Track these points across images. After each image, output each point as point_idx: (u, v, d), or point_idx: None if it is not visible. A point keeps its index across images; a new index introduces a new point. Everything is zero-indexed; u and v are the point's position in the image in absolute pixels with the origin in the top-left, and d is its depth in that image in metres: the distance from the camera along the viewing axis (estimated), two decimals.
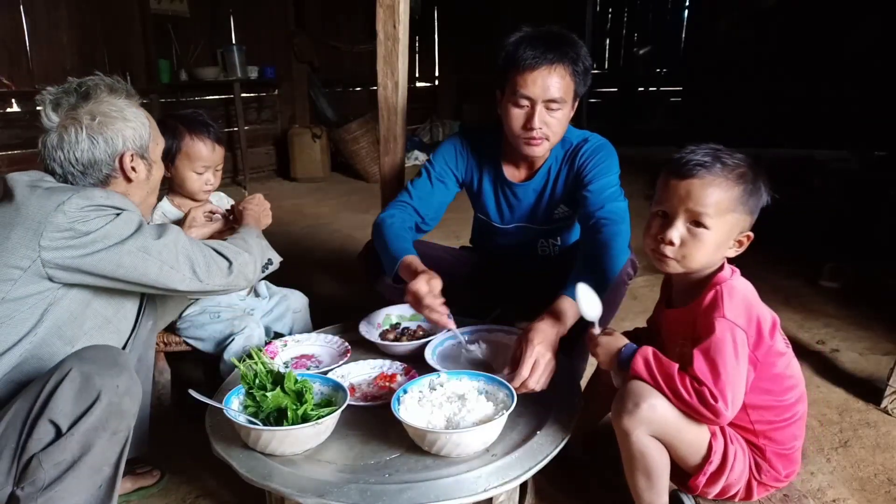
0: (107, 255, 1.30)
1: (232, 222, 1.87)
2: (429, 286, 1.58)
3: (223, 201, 2.19)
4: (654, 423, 1.25)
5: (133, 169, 1.43)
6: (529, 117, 1.75)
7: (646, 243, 1.37)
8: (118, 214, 1.33)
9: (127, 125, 1.40)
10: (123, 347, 1.53)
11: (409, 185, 1.99)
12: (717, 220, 1.26)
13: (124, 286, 1.37)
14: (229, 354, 1.87)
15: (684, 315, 1.35)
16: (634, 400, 1.25)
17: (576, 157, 1.88)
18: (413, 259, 1.71)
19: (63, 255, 1.27)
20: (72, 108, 1.37)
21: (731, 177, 1.26)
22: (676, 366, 1.25)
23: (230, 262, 1.49)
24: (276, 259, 1.71)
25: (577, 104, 1.81)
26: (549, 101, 1.72)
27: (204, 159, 1.91)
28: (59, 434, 1.16)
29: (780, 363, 1.31)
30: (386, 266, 1.77)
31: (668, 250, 1.30)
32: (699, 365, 1.21)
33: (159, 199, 1.88)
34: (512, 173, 1.98)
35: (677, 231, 1.28)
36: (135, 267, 1.33)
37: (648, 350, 1.29)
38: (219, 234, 1.82)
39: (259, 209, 1.87)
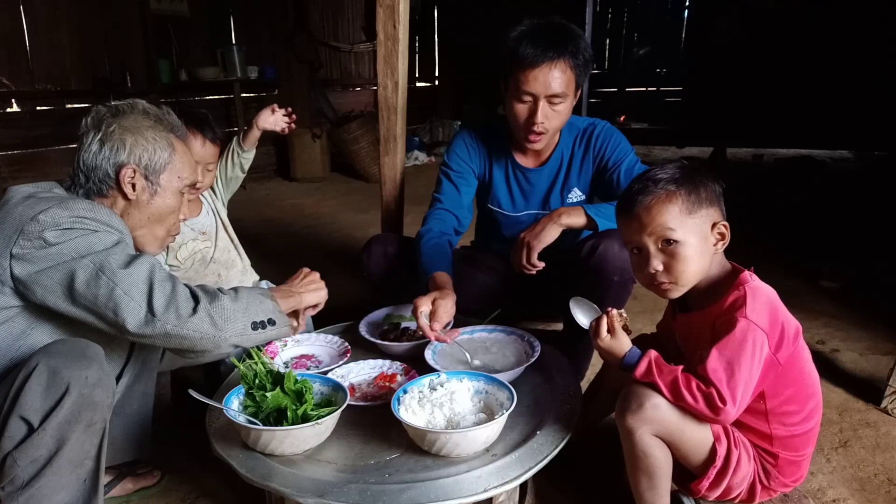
0: (64, 268, 1.22)
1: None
2: (433, 305, 1.64)
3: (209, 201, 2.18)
4: (658, 423, 1.25)
5: (132, 186, 1.38)
6: (532, 112, 1.79)
7: (640, 281, 1.39)
8: (96, 231, 1.27)
9: (139, 141, 1.38)
10: (129, 353, 1.53)
11: (434, 194, 2.06)
12: (682, 230, 1.28)
13: (80, 312, 1.25)
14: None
15: (704, 318, 1.33)
16: (638, 399, 1.26)
17: (590, 139, 1.96)
18: (439, 276, 1.76)
19: (27, 266, 1.22)
20: (102, 118, 1.39)
21: (670, 186, 1.29)
22: (679, 369, 1.25)
23: (197, 303, 1.27)
24: (283, 322, 1.40)
25: (578, 94, 1.85)
26: (551, 96, 1.77)
27: (193, 154, 1.90)
28: (31, 430, 1.15)
29: (804, 370, 1.31)
30: (420, 282, 1.82)
31: (660, 277, 1.31)
32: (713, 364, 1.21)
33: None
34: (523, 160, 2.02)
35: (655, 259, 1.31)
36: (86, 284, 1.21)
37: (652, 354, 1.29)
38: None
39: (295, 286, 1.53)
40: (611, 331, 1.34)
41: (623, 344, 1.33)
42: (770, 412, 1.30)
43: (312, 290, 1.53)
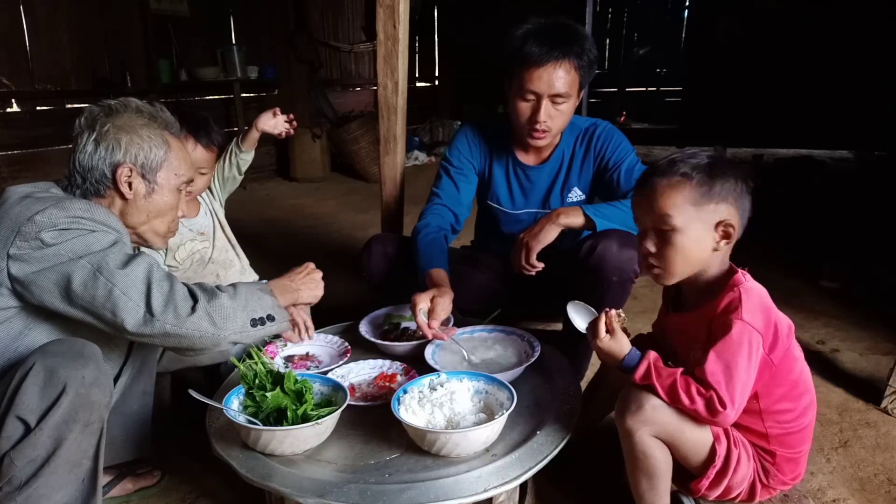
0: (61, 269, 1.22)
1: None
2: (432, 302, 1.65)
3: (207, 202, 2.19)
4: (657, 424, 1.25)
5: (129, 185, 1.38)
6: (535, 111, 1.80)
7: (639, 264, 1.40)
8: (93, 231, 1.27)
9: (135, 140, 1.38)
10: (127, 352, 1.53)
11: (433, 189, 2.07)
12: (681, 218, 1.26)
13: (78, 312, 1.25)
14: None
15: (697, 318, 1.33)
16: (638, 401, 1.26)
17: (591, 140, 1.96)
18: (436, 273, 1.77)
19: (24, 267, 1.22)
20: (95, 117, 1.39)
21: (685, 170, 1.26)
22: (678, 372, 1.24)
23: (196, 302, 1.27)
24: (282, 317, 1.40)
25: (581, 94, 1.86)
26: (554, 95, 1.78)
27: None
28: (28, 430, 1.15)
29: (796, 369, 1.31)
30: (417, 278, 1.83)
31: (651, 259, 1.31)
32: (711, 367, 1.20)
33: None
34: (524, 157, 2.03)
35: (650, 241, 1.31)
36: (84, 285, 1.21)
37: (651, 357, 1.28)
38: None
39: (296, 282, 1.54)
40: (610, 332, 1.32)
41: (623, 345, 1.31)
42: (764, 411, 1.30)
43: (311, 289, 1.54)
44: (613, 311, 1.34)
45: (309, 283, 1.54)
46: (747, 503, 1.36)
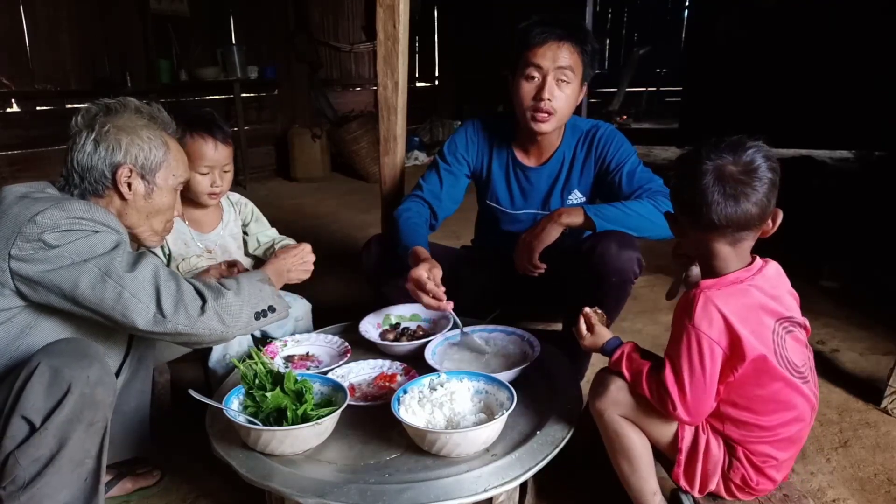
0: (67, 273, 1.23)
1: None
2: (430, 273, 1.68)
3: (244, 206, 2.16)
4: (622, 404, 1.31)
5: (129, 186, 1.39)
6: (539, 89, 1.81)
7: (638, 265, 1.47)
8: (95, 232, 1.28)
9: (135, 140, 1.38)
10: (126, 351, 1.54)
11: (421, 180, 2.08)
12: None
13: (85, 312, 1.27)
14: (212, 362, 1.84)
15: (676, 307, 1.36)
16: (605, 383, 1.34)
17: (592, 141, 1.97)
18: (421, 250, 1.80)
19: (27, 267, 1.23)
20: (94, 117, 1.39)
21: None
22: (647, 366, 1.29)
23: (204, 302, 1.31)
24: (282, 306, 1.45)
25: (584, 89, 1.87)
26: (559, 68, 1.79)
27: (206, 159, 1.86)
28: (32, 430, 1.16)
29: (768, 387, 1.25)
30: (400, 256, 1.84)
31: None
32: (667, 372, 1.24)
33: None
34: (525, 158, 2.03)
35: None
36: (92, 288, 1.23)
37: (626, 347, 1.35)
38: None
39: (288, 263, 1.66)
40: (589, 329, 1.42)
41: (603, 336, 1.40)
42: (723, 414, 1.29)
43: (300, 270, 1.67)
44: (588, 310, 1.44)
45: (299, 265, 1.66)
46: (743, 502, 1.36)
